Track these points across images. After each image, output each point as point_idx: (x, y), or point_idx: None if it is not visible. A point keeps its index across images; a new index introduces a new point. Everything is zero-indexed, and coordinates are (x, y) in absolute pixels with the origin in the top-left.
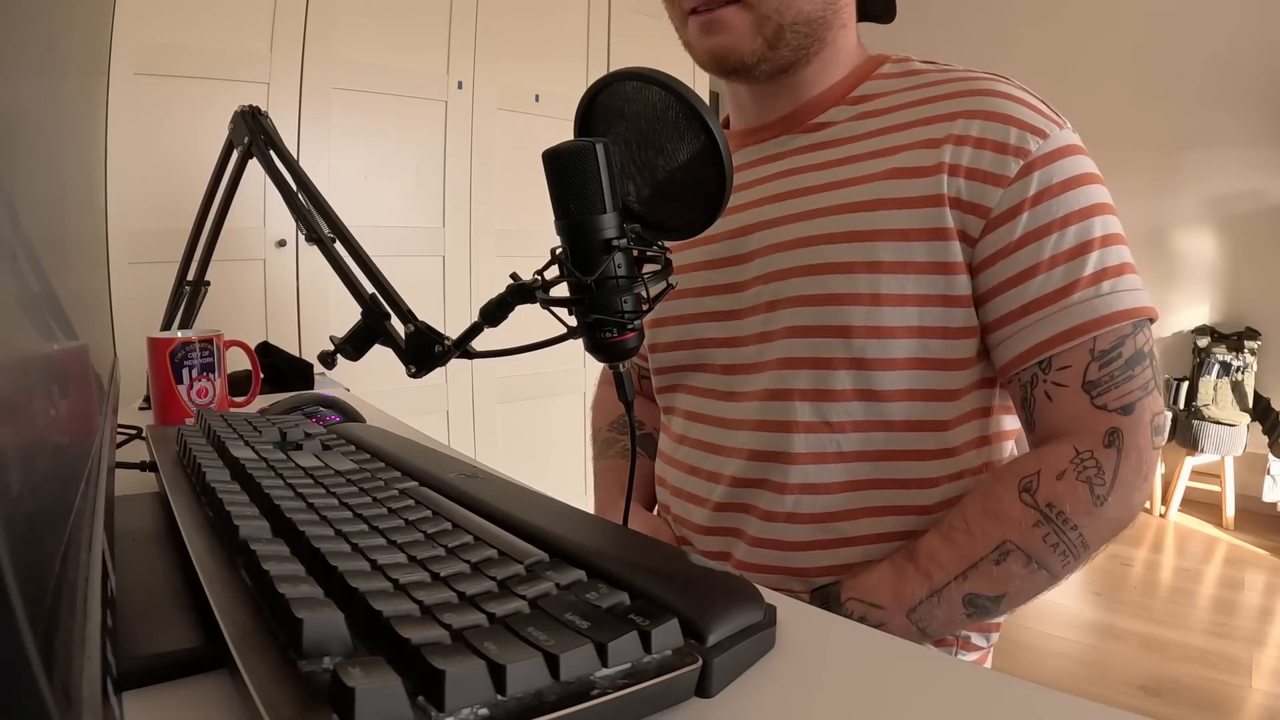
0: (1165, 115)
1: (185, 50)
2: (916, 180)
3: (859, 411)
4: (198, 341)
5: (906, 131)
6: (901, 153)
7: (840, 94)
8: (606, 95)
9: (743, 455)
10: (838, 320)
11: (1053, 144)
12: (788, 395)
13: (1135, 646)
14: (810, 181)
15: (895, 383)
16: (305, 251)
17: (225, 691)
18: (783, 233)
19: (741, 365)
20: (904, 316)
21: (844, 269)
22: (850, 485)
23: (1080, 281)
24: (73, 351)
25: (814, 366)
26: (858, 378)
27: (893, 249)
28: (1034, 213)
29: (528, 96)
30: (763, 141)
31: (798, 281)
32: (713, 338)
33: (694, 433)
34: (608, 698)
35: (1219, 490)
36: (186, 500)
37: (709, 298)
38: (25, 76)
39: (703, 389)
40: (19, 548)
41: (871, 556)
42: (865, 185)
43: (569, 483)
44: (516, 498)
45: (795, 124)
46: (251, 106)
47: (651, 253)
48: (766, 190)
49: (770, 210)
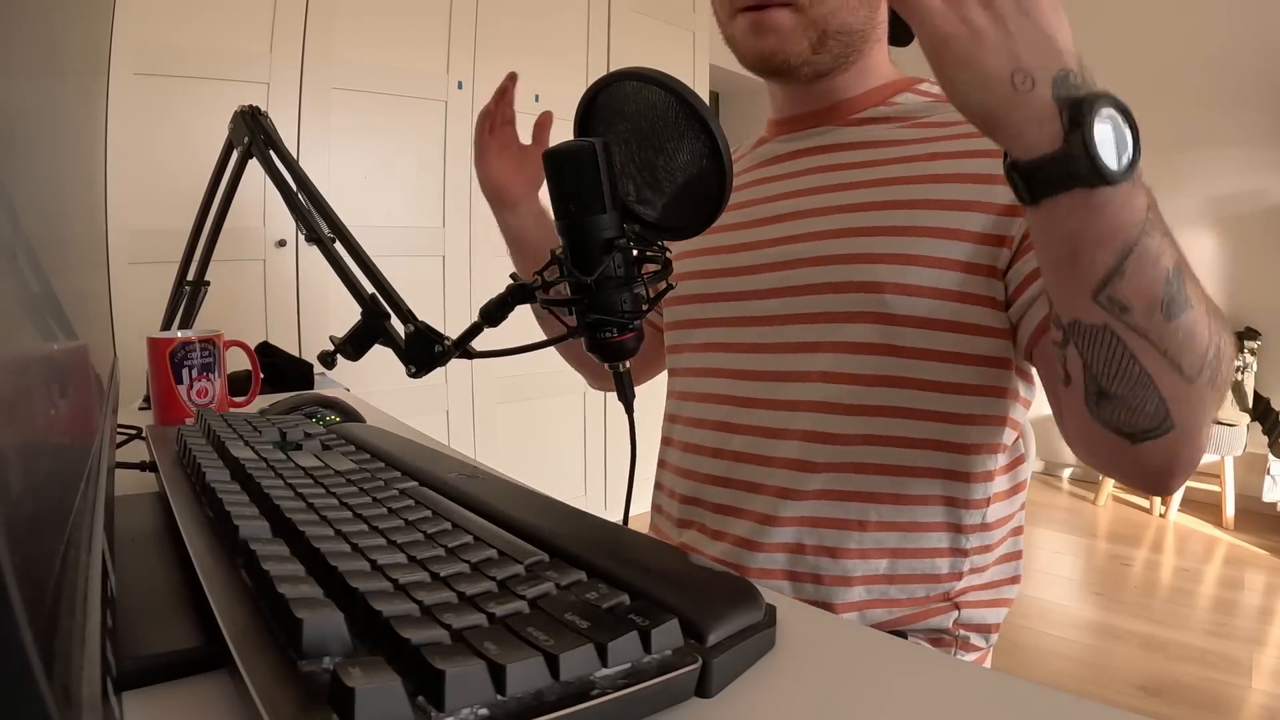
0: (1165, 115)
1: (185, 50)
2: (971, 160)
3: (884, 367)
4: (198, 341)
5: (957, 135)
6: (945, 142)
7: (879, 99)
8: (606, 95)
9: (765, 405)
10: (866, 277)
11: None
12: (814, 348)
13: (1135, 646)
14: (850, 158)
15: (917, 340)
16: (305, 251)
17: (225, 691)
18: (818, 200)
19: (754, 319)
20: (931, 278)
21: (879, 232)
22: (867, 439)
23: None
24: (73, 351)
25: (843, 320)
26: (886, 332)
27: (930, 216)
28: None
29: (528, 96)
30: (803, 130)
31: (828, 243)
32: (730, 292)
33: (700, 387)
34: (608, 698)
35: (1219, 490)
36: (186, 500)
37: (732, 255)
38: (25, 76)
39: (715, 344)
40: (19, 548)
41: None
42: (908, 164)
43: (569, 483)
44: (516, 498)
45: (835, 118)
46: (251, 106)
47: (651, 252)
48: (803, 163)
49: (806, 181)
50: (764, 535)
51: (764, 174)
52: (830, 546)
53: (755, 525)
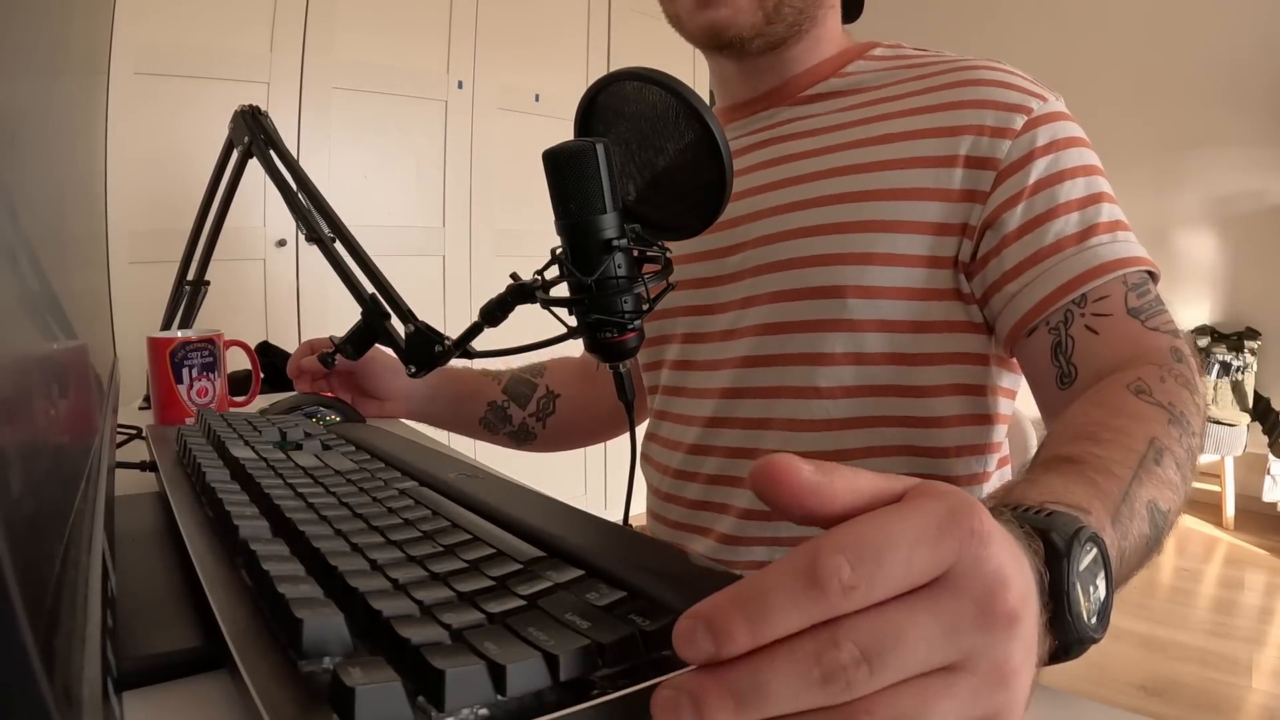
0: (1165, 115)
1: (185, 50)
2: (924, 141)
3: (849, 376)
4: (198, 341)
5: (910, 110)
6: (897, 119)
7: (830, 70)
8: (606, 95)
9: (732, 425)
10: (827, 280)
11: (1051, 107)
12: (774, 361)
13: (1135, 646)
14: (801, 148)
15: (881, 345)
16: (305, 251)
17: (225, 691)
18: (770, 199)
19: (715, 334)
20: (893, 277)
21: (835, 229)
22: (839, 455)
23: (1099, 226)
24: (73, 351)
25: (805, 330)
26: (850, 340)
27: (887, 208)
28: (1047, 160)
29: (528, 96)
30: (751, 115)
31: (785, 245)
32: (693, 305)
33: (675, 407)
34: (608, 698)
35: (1219, 490)
36: (186, 500)
37: (693, 265)
38: (25, 76)
39: (681, 361)
40: (19, 548)
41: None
42: (860, 149)
43: (569, 483)
44: (516, 497)
45: (784, 97)
46: (251, 106)
47: (651, 252)
48: (756, 158)
49: (758, 177)
50: (727, 554)
51: None
52: None
53: (716, 545)
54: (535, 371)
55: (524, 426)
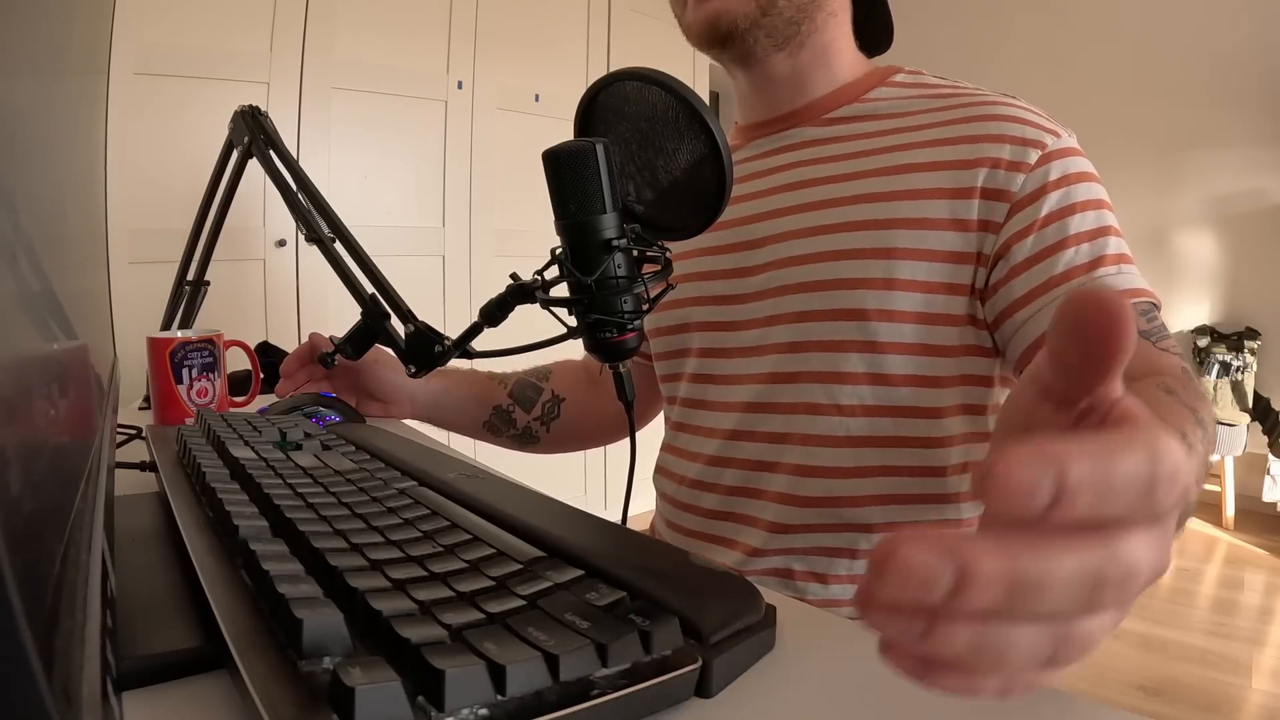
0: (1165, 115)
1: (185, 50)
2: (944, 173)
3: (869, 396)
4: (198, 341)
5: (931, 141)
6: (919, 150)
7: (853, 95)
8: (606, 95)
9: (753, 439)
10: (850, 304)
11: (1064, 143)
12: (796, 378)
13: (1135, 646)
14: (825, 172)
15: (901, 367)
16: (305, 251)
17: (225, 691)
18: (795, 221)
19: (738, 349)
20: (913, 302)
21: (859, 254)
22: (858, 471)
23: (1106, 258)
24: (73, 351)
25: (828, 349)
26: (871, 360)
27: (909, 237)
28: (1059, 194)
29: (528, 96)
30: (775, 133)
31: (809, 268)
32: (714, 321)
33: (694, 419)
34: (608, 698)
35: (1219, 490)
36: (186, 500)
37: (715, 282)
38: (25, 76)
39: (701, 375)
40: (19, 548)
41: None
42: (883, 178)
43: (569, 483)
44: (516, 497)
45: (808, 118)
46: (251, 106)
47: (651, 253)
48: (779, 180)
49: (782, 199)
50: (749, 564)
51: (739, 191)
52: (820, 573)
53: (743, 556)
54: (541, 375)
55: (528, 430)
